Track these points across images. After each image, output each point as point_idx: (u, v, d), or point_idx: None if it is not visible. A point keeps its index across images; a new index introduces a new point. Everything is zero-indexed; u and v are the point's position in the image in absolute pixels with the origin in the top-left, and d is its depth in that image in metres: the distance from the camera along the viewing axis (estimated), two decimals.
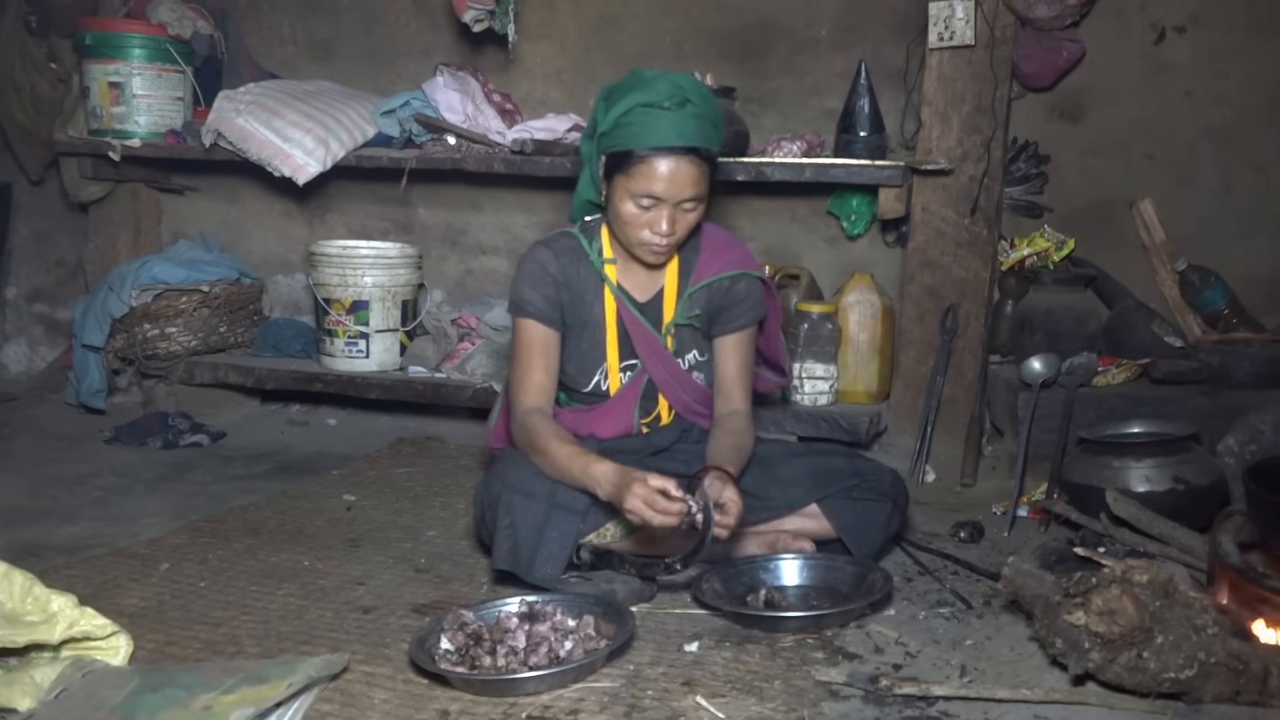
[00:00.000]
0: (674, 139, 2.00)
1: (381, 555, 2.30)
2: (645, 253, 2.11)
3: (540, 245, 2.22)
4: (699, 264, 2.21)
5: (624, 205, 2.06)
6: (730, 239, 2.29)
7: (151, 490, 2.78)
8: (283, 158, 3.23)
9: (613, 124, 2.03)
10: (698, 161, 2.03)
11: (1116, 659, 1.57)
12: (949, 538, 2.41)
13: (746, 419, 2.19)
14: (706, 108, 2.05)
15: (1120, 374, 2.81)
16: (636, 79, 2.07)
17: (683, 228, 2.09)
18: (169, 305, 3.40)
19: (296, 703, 1.59)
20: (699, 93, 2.06)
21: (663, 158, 2.00)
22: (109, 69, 3.41)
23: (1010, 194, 3.12)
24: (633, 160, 2.02)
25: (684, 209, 2.07)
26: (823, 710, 1.61)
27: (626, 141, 2.02)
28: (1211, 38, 3.05)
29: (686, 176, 2.02)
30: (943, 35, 2.85)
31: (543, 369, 2.15)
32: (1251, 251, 3.08)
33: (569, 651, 1.73)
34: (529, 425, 2.10)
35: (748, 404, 2.22)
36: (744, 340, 2.22)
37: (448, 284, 3.64)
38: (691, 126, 2.01)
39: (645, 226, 2.06)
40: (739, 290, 2.20)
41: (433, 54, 3.51)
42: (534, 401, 2.13)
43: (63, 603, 1.67)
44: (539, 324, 2.15)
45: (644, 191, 2.02)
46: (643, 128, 2.00)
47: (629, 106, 2.01)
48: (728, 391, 2.21)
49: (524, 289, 2.16)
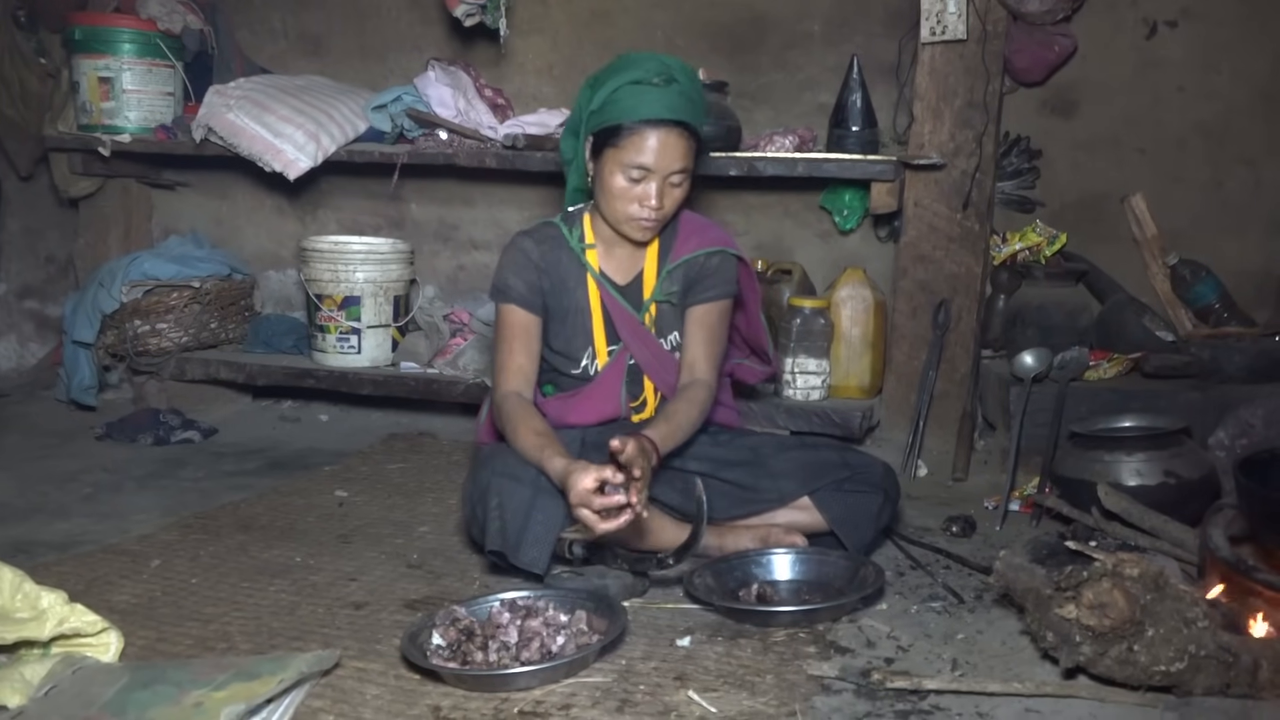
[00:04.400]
0: (663, 112, 2.06)
1: (373, 551, 2.30)
2: (633, 228, 2.14)
3: (522, 234, 2.27)
4: (676, 244, 2.25)
5: (614, 179, 2.10)
6: (708, 222, 2.33)
7: (142, 487, 2.77)
8: (274, 153, 3.21)
9: (602, 102, 2.09)
10: (685, 135, 2.10)
11: (1107, 652, 1.58)
12: (941, 532, 2.41)
13: (706, 391, 2.16)
14: (691, 87, 2.13)
15: (1111, 368, 2.82)
16: (624, 60, 2.14)
17: (670, 203, 2.13)
18: (160, 301, 3.38)
19: (288, 699, 1.58)
20: (685, 72, 2.14)
21: (652, 129, 2.07)
22: (99, 64, 3.40)
23: (1002, 189, 3.13)
24: (622, 133, 2.07)
25: (671, 183, 2.11)
26: (814, 704, 1.61)
27: (617, 115, 2.07)
28: (1203, 32, 3.05)
29: (675, 149, 2.08)
30: (935, 30, 2.85)
31: (524, 353, 2.18)
32: (1242, 246, 3.09)
33: (561, 646, 1.73)
34: (506, 408, 2.13)
35: (711, 377, 2.20)
36: (712, 311, 2.22)
37: (440, 279, 3.63)
38: (679, 102, 2.08)
39: (635, 200, 2.11)
40: (711, 264, 2.23)
41: (424, 48, 3.50)
42: (513, 385, 2.16)
43: (53, 599, 1.67)
44: (520, 309, 2.19)
45: (634, 162, 2.07)
46: (633, 102, 2.06)
47: (618, 85, 2.08)
48: (692, 361, 2.20)
49: (506, 275, 2.20)
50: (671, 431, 2.05)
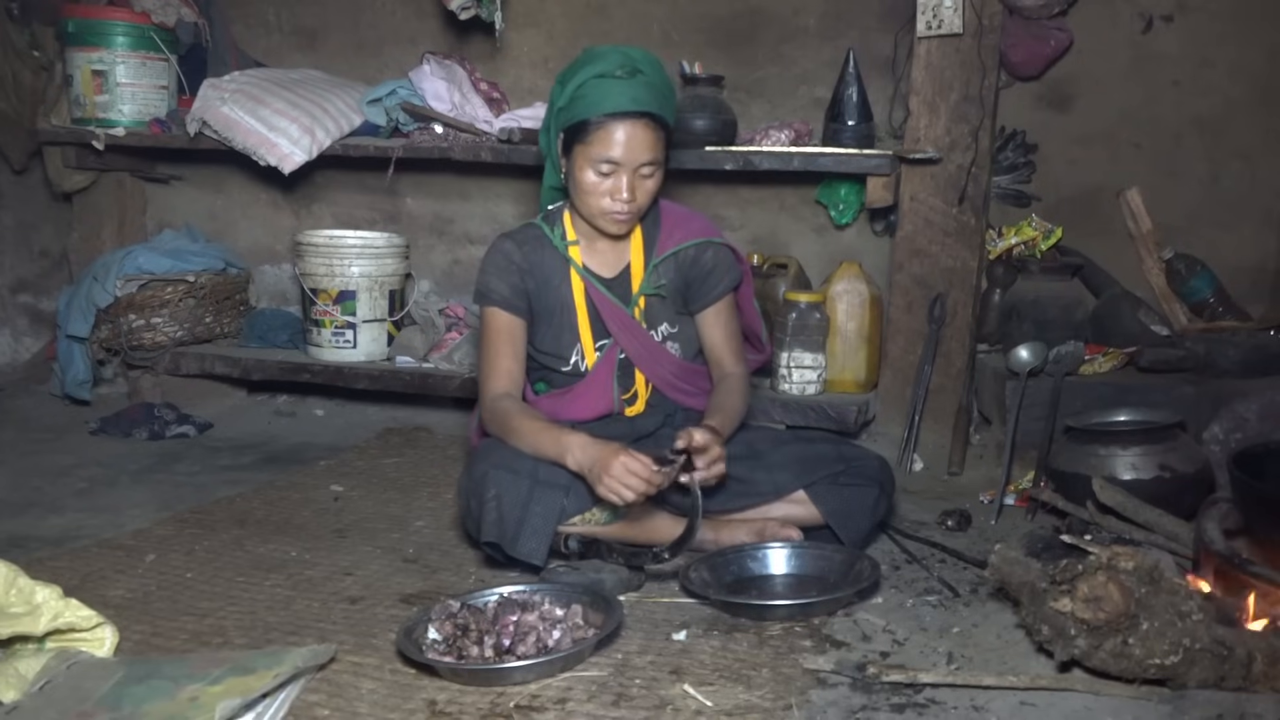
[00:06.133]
0: (628, 104, 2.05)
1: (369, 545, 2.30)
2: (608, 222, 2.14)
3: (503, 237, 2.26)
4: (660, 236, 2.24)
5: (584, 174, 2.09)
6: (689, 211, 2.33)
7: (137, 481, 2.77)
8: (268, 147, 3.20)
9: (569, 98, 2.08)
10: (653, 126, 2.08)
11: (1102, 645, 1.58)
12: (936, 526, 2.41)
13: (741, 380, 2.24)
14: (657, 77, 2.11)
15: (1107, 362, 2.82)
16: (588, 55, 2.13)
17: (643, 195, 2.12)
18: (154, 295, 3.37)
19: (283, 693, 1.58)
20: (650, 63, 2.12)
21: (618, 122, 2.05)
22: (92, 57, 3.38)
23: (998, 183, 3.13)
24: (590, 128, 2.06)
25: (642, 174, 2.10)
26: (810, 698, 1.61)
27: (583, 111, 2.06)
28: (1199, 26, 3.05)
29: (643, 141, 2.07)
30: (931, 24, 2.85)
31: (510, 356, 2.18)
32: (1238, 240, 3.10)
33: (557, 641, 1.73)
34: (499, 409, 2.13)
35: (741, 366, 2.27)
36: (724, 308, 2.27)
37: (435, 274, 3.63)
38: (644, 93, 2.06)
39: (606, 195, 2.10)
40: (707, 260, 2.23)
41: (419, 42, 3.49)
42: (502, 387, 2.16)
43: (47, 594, 1.66)
44: (504, 312, 2.19)
45: (602, 157, 2.06)
46: (598, 96, 2.05)
47: (583, 80, 2.07)
48: (719, 359, 2.26)
49: (489, 278, 2.20)
50: (725, 421, 2.10)
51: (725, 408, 2.14)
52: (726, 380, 2.23)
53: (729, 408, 2.15)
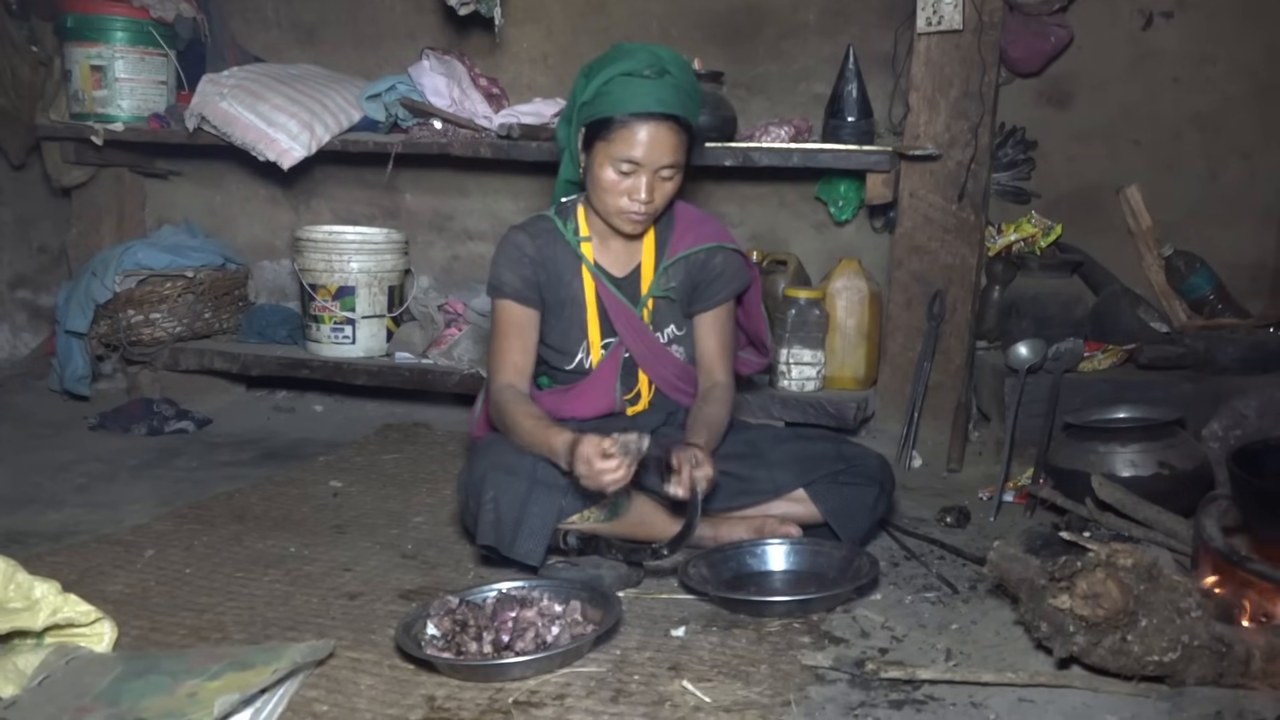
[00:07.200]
0: (653, 105, 2.03)
1: (368, 541, 2.30)
2: (624, 221, 2.13)
3: (516, 229, 2.24)
4: (673, 238, 2.23)
5: (604, 172, 2.08)
6: (703, 214, 2.32)
7: (136, 477, 2.76)
8: (267, 142, 3.20)
9: (594, 93, 2.06)
10: (676, 129, 2.06)
11: (1101, 642, 1.58)
12: (935, 523, 2.41)
13: (728, 391, 2.22)
14: (685, 79, 2.09)
15: (1106, 359, 2.82)
16: (617, 51, 2.11)
17: (661, 197, 2.11)
18: (153, 291, 3.37)
19: (282, 689, 1.58)
20: (678, 64, 2.10)
21: (643, 123, 2.03)
22: (91, 52, 3.38)
23: (997, 179, 3.13)
24: (613, 125, 2.04)
25: (662, 176, 2.09)
26: (809, 694, 1.61)
27: (608, 108, 2.05)
28: (1198, 23, 3.05)
29: (665, 143, 2.05)
30: (931, 20, 2.85)
31: (519, 349, 2.17)
32: (1237, 237, 3.10)
33: (555, 636, 1.73)
34: (502, 401, 2.12)
35: (729, 377, 2.25)
36: (723, 314, 2.25)
37: (434, 270, 3.62)
38: (671, 95, 2.04)
39: (624, 194, 2.08)
40: (716, 264, 2.22)
41: (418, 38, 3.49)
42: (509, 378, 2.16)
43: (46, 589, 1.66)
44: (516, 304, 2.18)
45: (624, 156, 2.05)
46: (623, 94, 2.03)
47: (610, 76, 2.04)
48: (709, 366, 2.24)
49: (501, 270, 2.19)
50: (711, 439, 2.08)
51: (710, 423, 2.12)
52: (714, 391, 2.20)
53: (714, 423, 2.13)
